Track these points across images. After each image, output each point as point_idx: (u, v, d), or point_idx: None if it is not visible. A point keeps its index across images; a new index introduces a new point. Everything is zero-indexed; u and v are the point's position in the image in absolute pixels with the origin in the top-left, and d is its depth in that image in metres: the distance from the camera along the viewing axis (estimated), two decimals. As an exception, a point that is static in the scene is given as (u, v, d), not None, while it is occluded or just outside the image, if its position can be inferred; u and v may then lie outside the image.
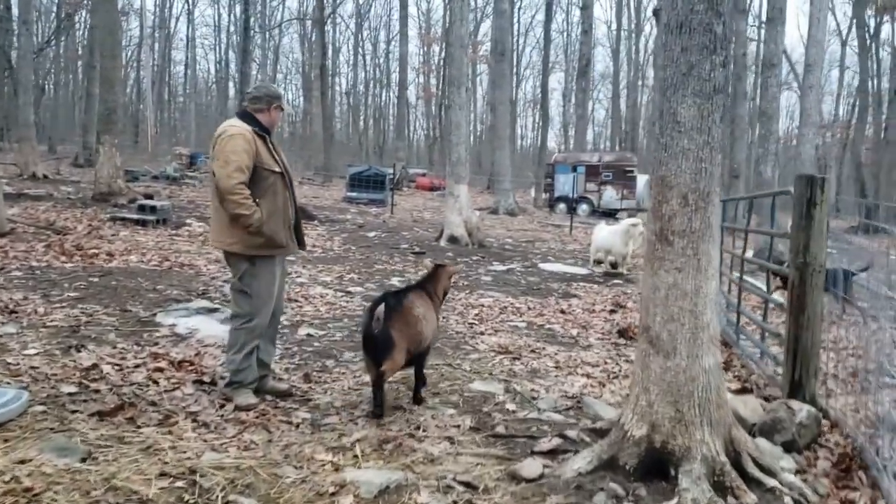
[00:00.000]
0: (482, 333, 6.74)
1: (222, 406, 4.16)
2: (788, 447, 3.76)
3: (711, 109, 3.28)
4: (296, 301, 7.70)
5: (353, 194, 24.29)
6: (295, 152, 58.36)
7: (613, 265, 12.08)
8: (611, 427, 3.67)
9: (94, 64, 24.23)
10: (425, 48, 61.53)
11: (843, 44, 46.65)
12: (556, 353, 6.05)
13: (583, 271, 11.92)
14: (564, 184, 28.90)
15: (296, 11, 55.92)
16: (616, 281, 10.89)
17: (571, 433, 3.90)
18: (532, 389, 4.90)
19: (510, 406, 4.52)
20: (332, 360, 5.48)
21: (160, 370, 4.69)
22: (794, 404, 3.74)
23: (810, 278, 4.24)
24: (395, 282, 9.63)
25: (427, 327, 4.37)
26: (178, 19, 60.07)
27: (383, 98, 68.66)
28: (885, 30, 38.66)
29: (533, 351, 6.11)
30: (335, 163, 37.59)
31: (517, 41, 59.01)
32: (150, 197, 14.70)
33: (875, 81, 31.85)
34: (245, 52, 28.90)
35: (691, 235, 3.32)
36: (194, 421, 3.86)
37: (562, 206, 28.92)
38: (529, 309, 8.27)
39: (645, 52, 61.03)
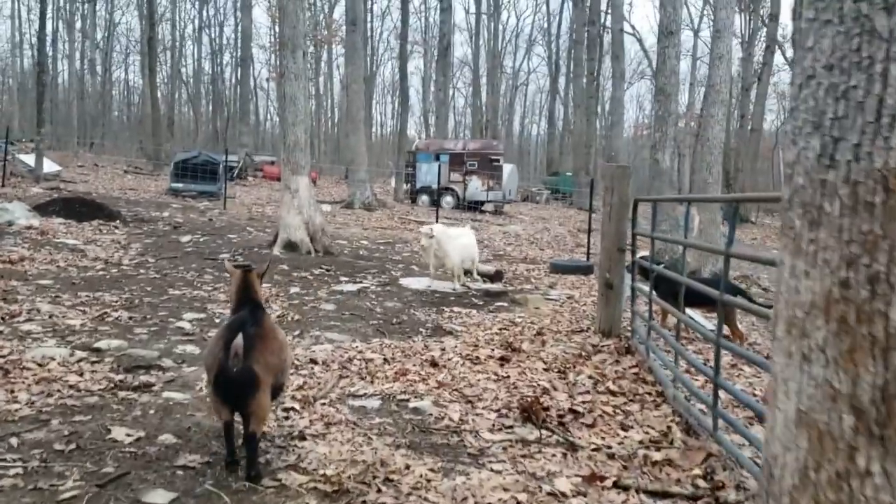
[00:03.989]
0: (303, 436, 3.92)
1: None
2: None
3: None
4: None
5: (180, 185, 20.71)
6: (127, 137, 52.14)
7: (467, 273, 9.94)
8: None
9: None
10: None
11: (696, 33, 47.70)
12: (427, 484, 3.37)
13: (456, 288, 9.38)
14: (427, 173, 26.52)
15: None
16: (500, 303, 8.40)
17: None
18: None
19: None
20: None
21: None
22: None
23: None
24: (187, 322, 6.57)
25: (289, 354, 3.75)
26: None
27: (231, 79, 63.21)
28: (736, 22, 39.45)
29: (388, 479, 3.39)
30: (175, 150, 33.30)
31: (373, 24, 56.13)
32: None
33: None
34: (43, 17, 23.78)
35: None
36: None
37: (424, 198, 26.54)
38: (386, 362, 5.56)
39: (503, 39, 59.75)
